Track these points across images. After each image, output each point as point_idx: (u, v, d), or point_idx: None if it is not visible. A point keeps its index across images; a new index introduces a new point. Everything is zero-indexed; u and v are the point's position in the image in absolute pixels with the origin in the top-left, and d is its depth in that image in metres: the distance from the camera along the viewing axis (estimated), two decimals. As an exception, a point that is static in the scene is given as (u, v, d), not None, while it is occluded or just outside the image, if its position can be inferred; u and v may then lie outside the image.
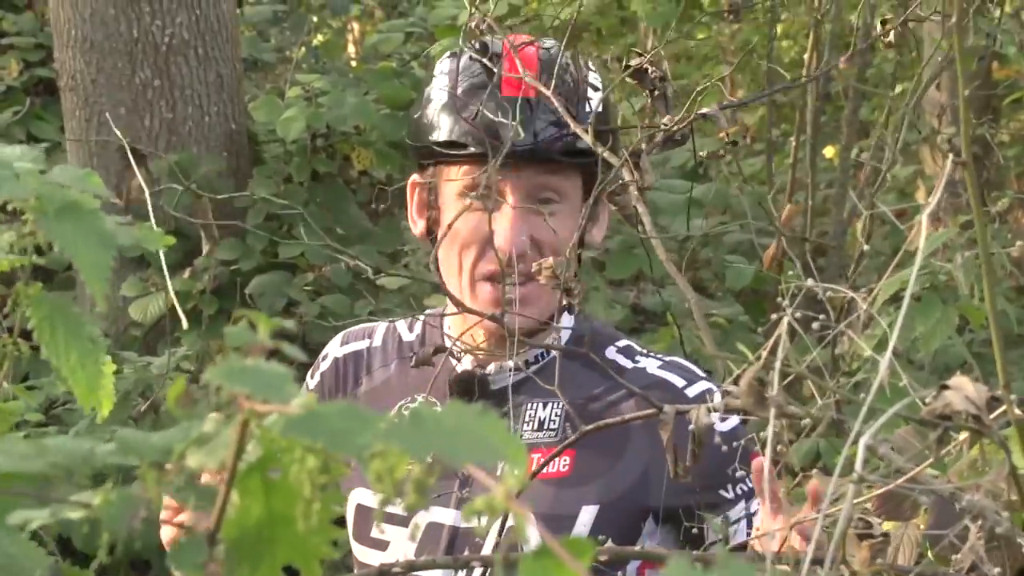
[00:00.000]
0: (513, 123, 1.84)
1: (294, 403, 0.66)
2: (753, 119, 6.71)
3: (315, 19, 7.43)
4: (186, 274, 4.43)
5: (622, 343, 2.01)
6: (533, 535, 0.71)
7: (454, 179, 1.92)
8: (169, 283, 1.95)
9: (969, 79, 1.51)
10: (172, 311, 4.40)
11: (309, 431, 0.65)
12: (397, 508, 2.13)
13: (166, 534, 1.69)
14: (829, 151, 6.29)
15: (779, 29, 6.64)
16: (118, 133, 3.56)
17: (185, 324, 1.86)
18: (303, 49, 6.72)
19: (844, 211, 4.66)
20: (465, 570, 1.90)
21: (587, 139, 1.85)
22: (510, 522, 0.71)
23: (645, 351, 2.00)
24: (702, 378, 1.93)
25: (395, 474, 0.65)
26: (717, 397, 1.90)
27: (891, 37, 2.02)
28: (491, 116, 1.87)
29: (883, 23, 2.10)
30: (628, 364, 1.96)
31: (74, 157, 4.56)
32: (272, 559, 0.74)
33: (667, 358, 1.97)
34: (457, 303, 1.81)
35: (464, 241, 1.91)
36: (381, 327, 2.10)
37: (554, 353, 1.97)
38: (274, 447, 0.69)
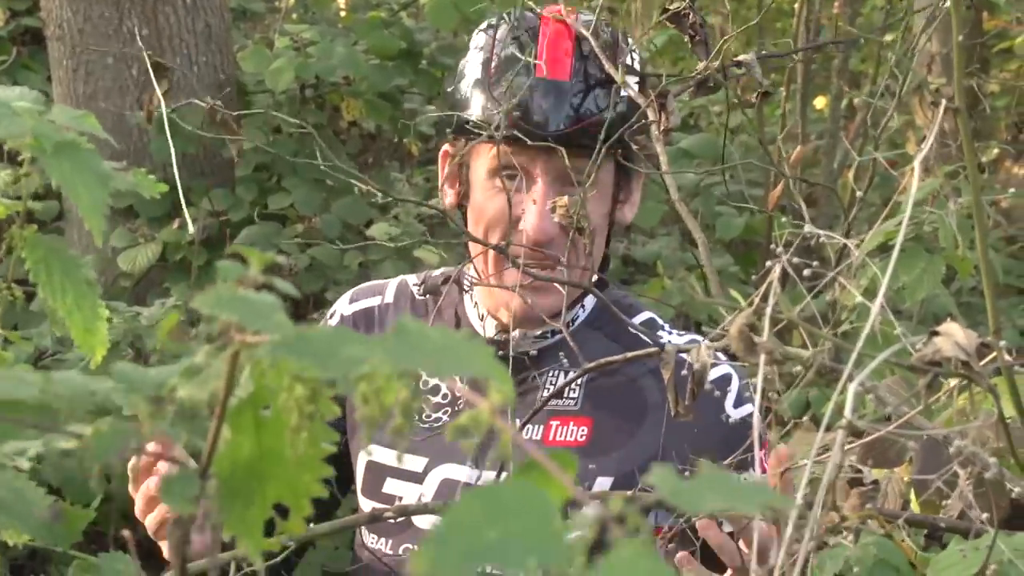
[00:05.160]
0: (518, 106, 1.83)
1: (284, 332, 0.65)
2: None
3: (303, -31, 7.38)
4: (175, 224, 4.42)
5: (645, 316, 2.00)
6: None
7: (484, 157, 1.90)
8: (185, 221, 1.95)
9: (960, 27, 1.50)
10: (161, 261, 4.39)
11: (296, 351, 0.64)
12: (408, 464, 2.14)
13: (149, 520, 1.67)
14: (820, 101, 6.27)
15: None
16: (140, 43, 3.49)
17: (181, 235, 1.86)
18: (291, -1, 6.68)
19: (835, 161, 4.66)
20: None
21: (619, 80, 1.84)
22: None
23: (667, 326, 1.99)
24: (721, 361, 1.92)
25: (382, 397, 0.64)
26: (735, 381, 1.91)
27: None
28: (522, 98, 1.85)
29: None
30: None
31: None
32: (263, 496, 0.74)
33: (688, 336, 1.97)
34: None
35: (490, 221, 1.89)
36: (392, 284, 2.09)
37: (578, 323, 1.97)
38: (265, 381, 0.69)
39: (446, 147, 1.99)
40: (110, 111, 4.41)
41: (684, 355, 1.89)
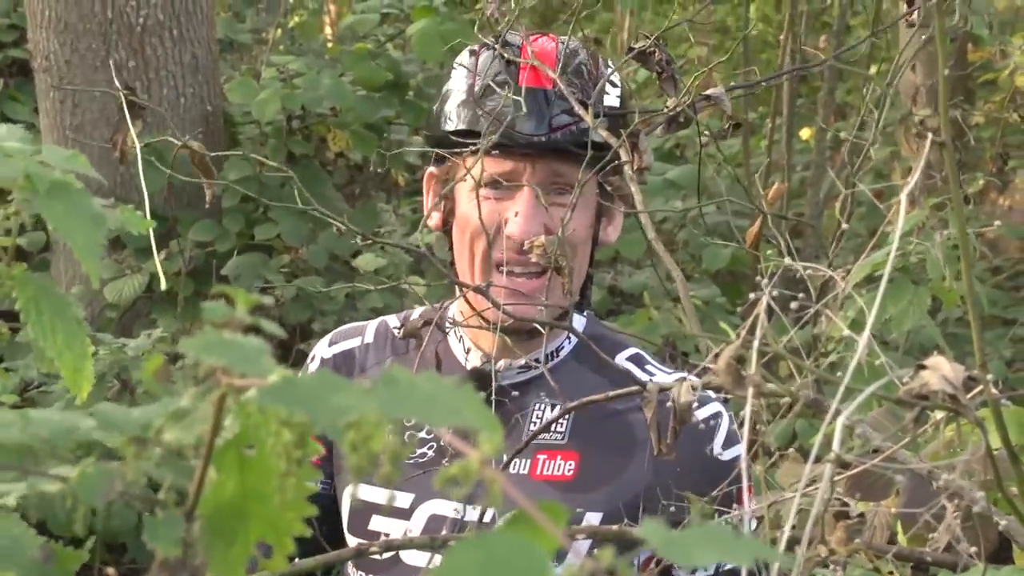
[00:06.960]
0: (512, 113, 1.84)
1: (271, 376, 0.65)
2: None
3: (291, 0, 7.40)
4: (162, 256, 4.41)
5: (632, 351, 1.99)
6: None
7: (469, 168, 1.89)
8: (157, 259, 1.94)
9: (945, 60, 1.51)
10: (148, 292, 4.38)
11: (285, 398, 0.64)
12: (395, 501, 2.11)
13: None
14: (805, 132, 6.29)
15: (752, 9, 6.63)
16: (117, 83, 3.50)
17: (164, 284, 1.85)
18: (279, 30, 6.70)
19: (821, 192, 4.68)
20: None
21: (590, 123, 1.84)
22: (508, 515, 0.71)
23: (655, 362, 1.98)
24: (712, 399, 1.91)
25: (370, 444, 0.64)
26: (725, 419, 1.90)
27: (914, 17, 2.01)
28: (508, 107, 1.86)
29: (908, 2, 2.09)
30: (637, 373, 1.94)
31: (48, 138, 4.53)
32: (246, 535, 0.73)
33: (677, 374, 1.95)
34: (475, 288, 1.80)
35: (476, 229, 1.88)
36: (372, 325, 2.08)
37: (564, 355, 1.96)
38: (251, 422, 0.69)
39: (431, 170, 1.99)
40: (97, 143, 4.41)
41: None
